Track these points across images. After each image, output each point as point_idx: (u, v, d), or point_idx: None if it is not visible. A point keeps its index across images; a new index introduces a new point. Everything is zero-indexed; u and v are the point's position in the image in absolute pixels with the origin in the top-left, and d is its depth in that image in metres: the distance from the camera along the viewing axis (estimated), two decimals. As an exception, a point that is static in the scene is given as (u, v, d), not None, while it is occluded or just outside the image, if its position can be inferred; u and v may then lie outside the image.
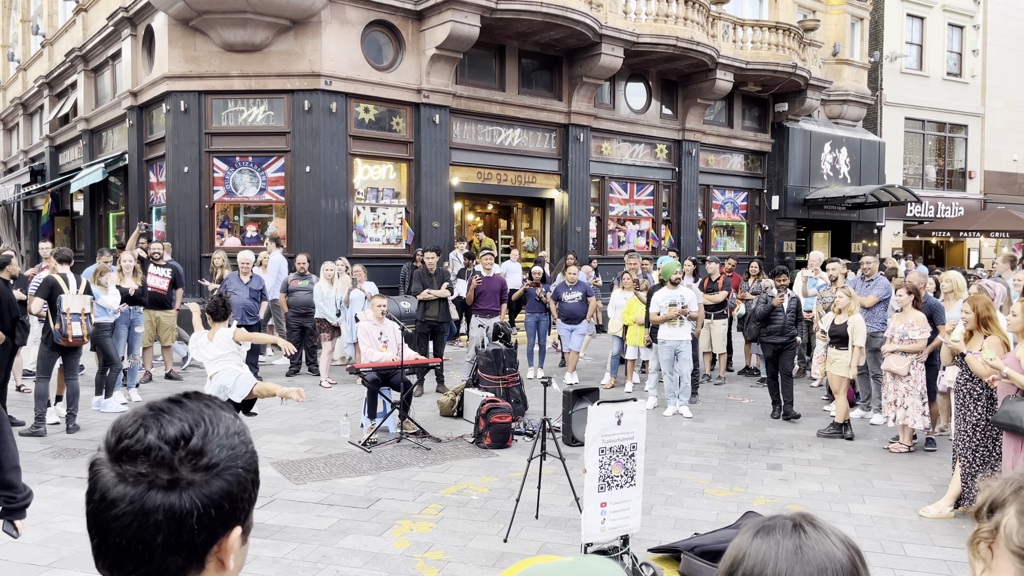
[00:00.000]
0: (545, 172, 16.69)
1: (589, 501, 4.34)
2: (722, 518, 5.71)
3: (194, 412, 1.02)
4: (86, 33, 17.72)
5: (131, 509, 0.94)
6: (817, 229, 23.35)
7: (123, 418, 1.01)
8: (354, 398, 9.83)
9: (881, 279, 9.03)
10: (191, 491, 0.96)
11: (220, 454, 1.00)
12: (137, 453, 0.96)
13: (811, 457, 7.46)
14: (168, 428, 0.98)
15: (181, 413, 1.01)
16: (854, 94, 22.84)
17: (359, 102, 14.00)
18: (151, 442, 0.97)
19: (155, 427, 0.98)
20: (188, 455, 0.98)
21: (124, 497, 0.94)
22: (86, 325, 7.85)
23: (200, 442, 0.99)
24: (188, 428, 0.99)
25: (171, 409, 1.02)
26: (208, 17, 13.00)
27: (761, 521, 1.13)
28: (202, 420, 1.02)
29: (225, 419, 1.05)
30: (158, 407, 1.02)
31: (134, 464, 0.96)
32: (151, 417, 1.00)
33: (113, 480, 0.96)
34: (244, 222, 14.08)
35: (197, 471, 0.98)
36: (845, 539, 1.10)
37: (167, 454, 0.96)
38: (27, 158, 24.22)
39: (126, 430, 0.98)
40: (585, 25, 14.83)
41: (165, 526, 0.95)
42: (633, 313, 10.43)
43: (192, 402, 1.04)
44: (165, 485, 0.95)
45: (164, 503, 0.95)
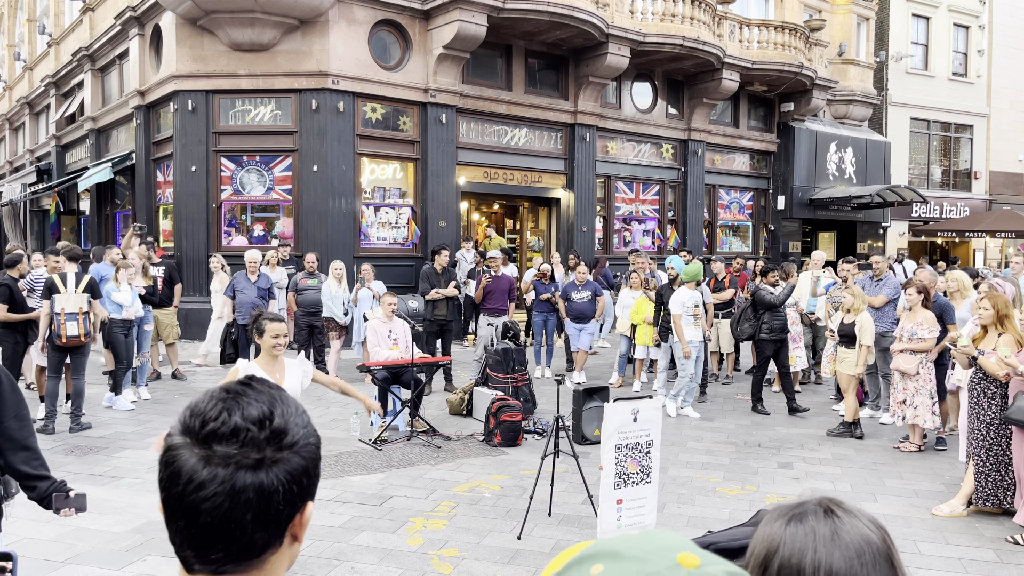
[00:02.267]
0: (551, 172, 16.69)
1: (605, 498, 4.34)
2: (735, 516, 5.71)
3: (266, 394, 1.05)
4: (93, 32, 17.76)
5: (222, 490, 0.96)
6: (822, 229, 23.33)
7: (200, 402, 1.03)
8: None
9: (890, 279, 9.03)
10: (276, 469, 0.99)
11: (298, 432, 1.03)
12: (224, 435, 0.98)
13: (821, 456, 7.46)
14: (250, 409, 1.01)
15: (255, 395, 1.04)
16: (860, 94, 22.81)
17: (366, 101, 14.01)
18: (237, 423, 0.99)
19: (237, 409, 1.01)
20: (273, 434, 1.01)
21: (214, 478, 0.96)
22: (83, 324, 7.79)
23: (282, 421, 1.02)
24: (267, 409, 1.02)
25: (245, 392, 1.04)
26: (216, 16, 13.02)
27: (788, 508, 1.12)
28: (277, 400, 1.05)
29: (290, 399, 1.08)
30: (233, 390, 1.04)
31: (223, 445, 0.98)
32: (230, 399, 1.02)
33: (199, 463, 0.97)
34: (251, 221, 14.09)
35: (282, 449, 1.01)
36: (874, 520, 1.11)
37: (255, 434, 0.99)
38: (33, 157, 24.27)
39: (208, 413, 1.00)
40: (592, 25, 14.83)
41: (255, 504, 0.98)
42: (642, 312, 10.43)
43: (259, 385, 1.06)
44: (252, 464, 0.98)
45: (253, 482, 0.97)
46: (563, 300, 11.07)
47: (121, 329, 8.75)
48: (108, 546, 5.05)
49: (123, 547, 5.04)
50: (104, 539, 5.15)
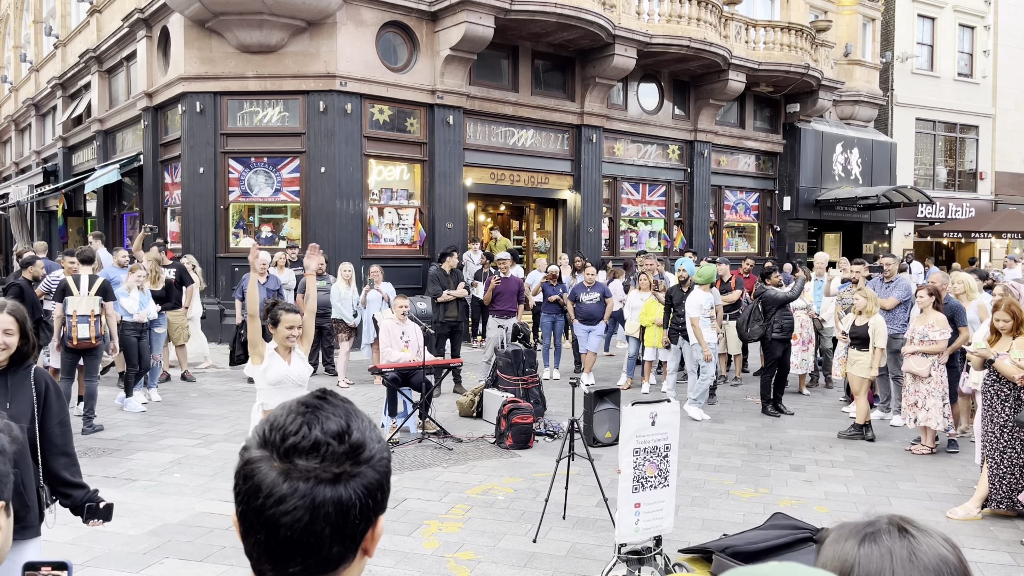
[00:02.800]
0: (558, 173, 16.69)
1: (623, 502, 4.35)
2: (749, 519, 5.70)
3: (341, 407, 1.05)
4: (100, 34, 17.79)
5: (302, 504, 0.97)
6: (828, 230, 23.31)
7: (278, 416, 1.04)
8: (372, 398, 9.86)
9: (901, 280, 9.02)
10: (353, 483, 1.00)
11: (374, 446, 1.04)
12: (305, 449, 0.99)
13: (833, 458, 7.46)
14: (328, 423, 1.02)
15: (332, 409, 1.04)
16: (866, 95, 22.79)
17: (374, 103, 14.02)
18: (318, 437, 1.00)
19: (316, 423, 1.01)
20: (352, 449, 1.01)
21: (294, 492, 0.97)
22: (94, 327, 7.79)
23: (360, 436, 1.03)
24: (345, 423, 1.03)
25: (322, 406, 1.05)
26: (224, 18, 13.04)
27: (859, 527, 1.09)
28: (352, 415, 1.06)
29: (363, 413, 1.09)
30: (311, 404, 1.05)
31: (304, 459, 0.98)
32: (309, 413, 1.03)
33: (278, 477, 0.98)
34: (259, 223, 14.12)
35: (359, 464, 1.01)
36: (947, 538, 1.10)
37: (336, 448, 1.00)
38: (40, 159, 24.32)
39: (288, 427, 1.01)
40: (598, 26, 14.83)
41: (334, 518, 0.98)
42: (651, 314, 10.43)
43: (333, 398, 1.07)
44: (332, 479, 0.99)
45: (332, 496, 0.98)
46: (572, 302, 11.07)
47: (133, 332, 8.76)
48: (125, 549, 5.06)
49: (140, 550, 5.06)
50: (121, 542, 5.17)
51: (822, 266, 11.08)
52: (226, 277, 13.76)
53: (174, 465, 6.92)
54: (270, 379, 4.51)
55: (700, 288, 8.99)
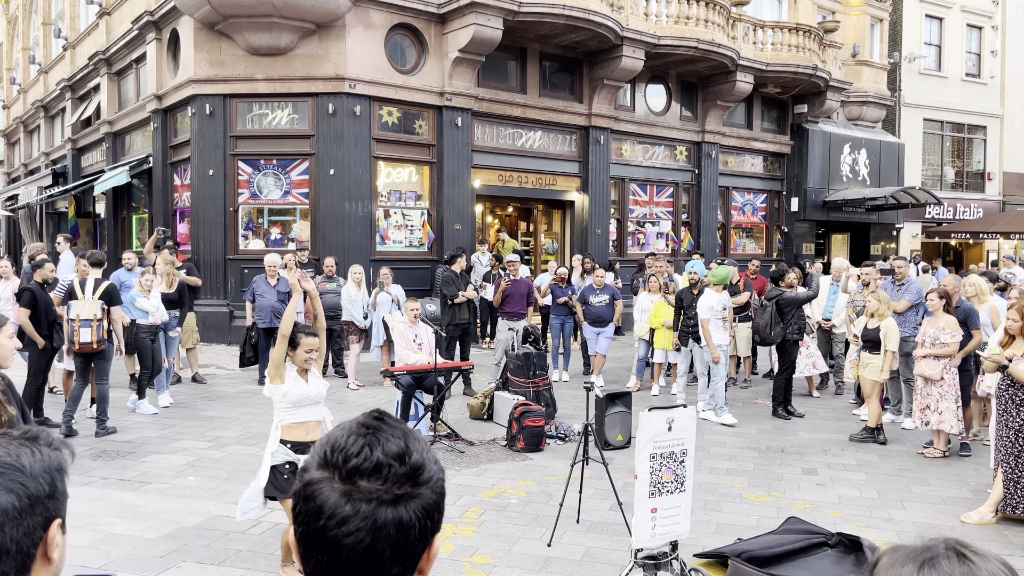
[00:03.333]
0: (565, 174, 16.70)
1: (640, 507, 4.36)
2: (763, 523, 5.71)
3: (398, 429, 1.06)
4: (109, 37, 17.85)
5: (364, 525, 0.98)
6: (836, 231, 23.27)
7: (338, 437, 1.04)
8: (382, 400, 9.89)
9: (913, 283, 9.00)
10: (412, 504, 1.01)
11: (432, 468, 1.05)
12: (367, 471, 1.00)
13: (846, 462, 7.45)
14: (389, 445, 1.03)
15: (390, 431, 1.05)
16: (873, 95, 22.75)
17: (382, 105, 14.05)
18: (379, 459, 1.01)
19: (377, 445, 1.02)
20: (412, 470, 1.02)
21: (357, 514, 0.98)
22: (96, 331, 7.75)
23: (420, 457, 1.04)
24: (404, 444, 1.04)
25: (381, 427, 1.06)
26: (234, 21, 13.08)
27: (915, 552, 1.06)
28: (409, 436, 1.07)
29: (419, 434, 1.09)
30: (369, 425, 1.06)
31: (366, 481, 0.99)
32: (370, 435, 1.04)
33: (341, 498, 0.99)
34: (268, 225, 14.16)
35: (419, 485, 1.02)
36: (1004, 561, 1.09)
37: (397, 470, 1.01)
38: (48, 160, 24.41)
39: (350, 449, 1.02)
40: (607, 27, 14.84)
41: (394, 539, 0.99)
42: (661, 316, 10.43)
43: (390, 419, 1.08)
44: (393, 500, 1.00)
45: (394, 517, 0.99)
46: (581, 304, 11.08)
47: (147, 335, 8.80)
48: (142, 552, 5.08)
49: (157, 553, 5.08)
50: (138, 545, 5.19)
51: (839, 271, 10.99)
52: (235, 279, 13.79)
53: (188, 468, 6.94)
54: (291, 400, 4.55)
55: (712, 289, 8.99)
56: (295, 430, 4.59)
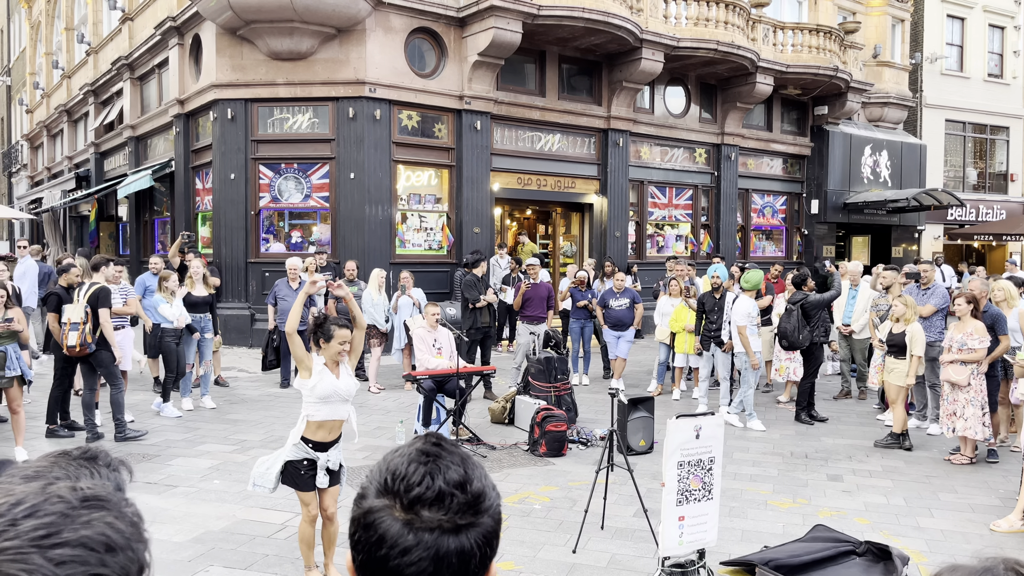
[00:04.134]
0: (584, 177, 16.68)
1: (667, 515, 4.34)
2: (789, 531, 5.67)
3: (457, 455, 1.05)
4: (132, 42, 18.04)
5: (427, 555, 0.97)
6: (856, 233, 23.09)
7: (398, 464, 1.03)
8: (403, 404, 9.91)
9: (939, 287, 8.91)
10: (473, 532, 0.99)
11: (491, 495, 1.04)
12: (430, 500, 0.99)
13: (871, 468, 7.39)
14: (450, 473, 1.01)
15: (450, 457, 1.04)
16: (895, 96, 22.56)
17: (402, 109, 14.10)
18: (442, 488, 0.99)
19: (439, 473, 1.01)
20: (474, 499, 1.01)
21: (419, 544, 0.97)
22: (81, 335, 7.67)
23: (480, 485, 1.02)
24: (464, 471, 1.03)
25: (440, 454, 1.04)
26: (255, 26, 13.18)
27: (977, 572, 1.03)
28: (468, 462, 1.05)
29: (474, 458, 1.08)
30: (428, 452, 1.04)
31: (428, 511, 0.98)
32: (431, 463, 1.02)
33: (403, 528, 0.98)
34: (289, 228, 14.24)
35: (480, 514, 1.01)
36: None
37: (460, 499, 1.00)
38: (72, 164, 24.68)
39: (412, 478, 1.00)
40: (626, 30, 14.81)
41: (456, 568, 0.98)
42: (682, 320, 10.39)
43: (448, 444, 1.07)
44: (454, 529, 0.98)
45: (456, 547, 0.98)
46: (601, 307, 11.06)
47: (172, 338, 8.87)
48: (170, 556, 5.12)
49: (185, 557, 5.12)
50: (166, 549, 5.23)
51: (856, 274, 10.92)
52: (256, 282, 13.89)
53: (213, 471, 6.99)
54: (319, 394, 4.52)
55: (746, 295, 8.95)
56: (318, 430, 4.59)
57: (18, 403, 7.36)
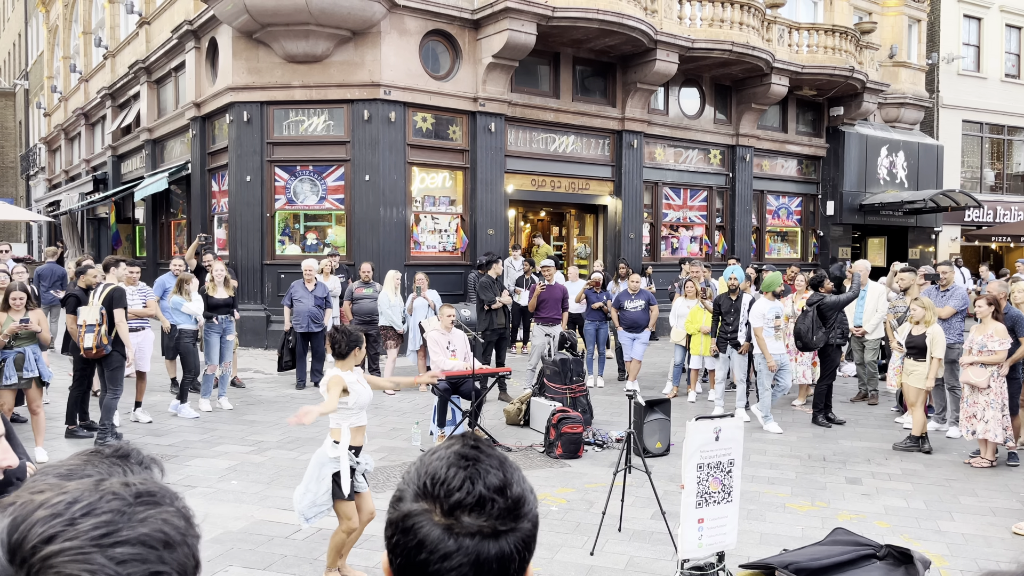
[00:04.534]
0: (598, 179, 16.66)
1: (686, 517, 4.32)
2: (808, 534, 5.63)
3: (495, 458, 1.04)
4: (149, 45, 18.18)
5: (467, 560, 0.96)
6: (873, 235, 22.93)
7: (437, 468, 1.02)
8: (419, 405, 9.93)
9: (958, 289, 8.84)
10: (512, 537, 0.99)
11: (530, 499, 1.03)
12: (470, 506, 0.98)
13: (890, 471, 7.33)
14: (490, 477, 1.00)
15: (488, 461, 1.03)
16: (911, 97, 22.41)
17: (417, 111, 14.13)
18: (482, 494, 0.99)
19: (479, 478, 1.00)
20: (514, 504, 1.00)
21: (460, 550, 0.96)
22: (97, 336, 7.70)
23: (519, 489, 1.02)
24: (503, 475, 1.02)
25: (479, 458, 1.03)
26: (271, 29, 13.25)
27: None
28: (506, 465, 1.04)
29: (513, 462, 1.07)
30: (467, 456, 1.03)
31: (469, 516, 0.98)
32: (471, 467, 1.01)
33: (443, 533, 0.97)
34: (304, 230, 14.30)
35: (519, 519, 1.00)
36: None
37: (500, 504, 0.99)
38: (89, 167, 24.89)
39: (452, 482, 0.99)
40: (640, 31, 14.79)
41: (496, 572, 0.98)
42: (697, 322, 10.36)
43: (486, 448, 1.06)
44: (494, 534, 0.98)
45: (496, 552, 0.97)
46: (616, 309, 11.03)
47: (191, 339, 8.93)
48: (190, 556, 5.14)
49: (205, 558, 5.12)
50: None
51: (865, 273, 10.82)
52: (272, 284, 13.95)
53: (230, 472, 7.03)
54: (361, 404, 4.67)
55: (764, 297, 8.93)
56: (357, 435, 4.72)
57: (38, 404, 7.43)
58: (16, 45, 40.83)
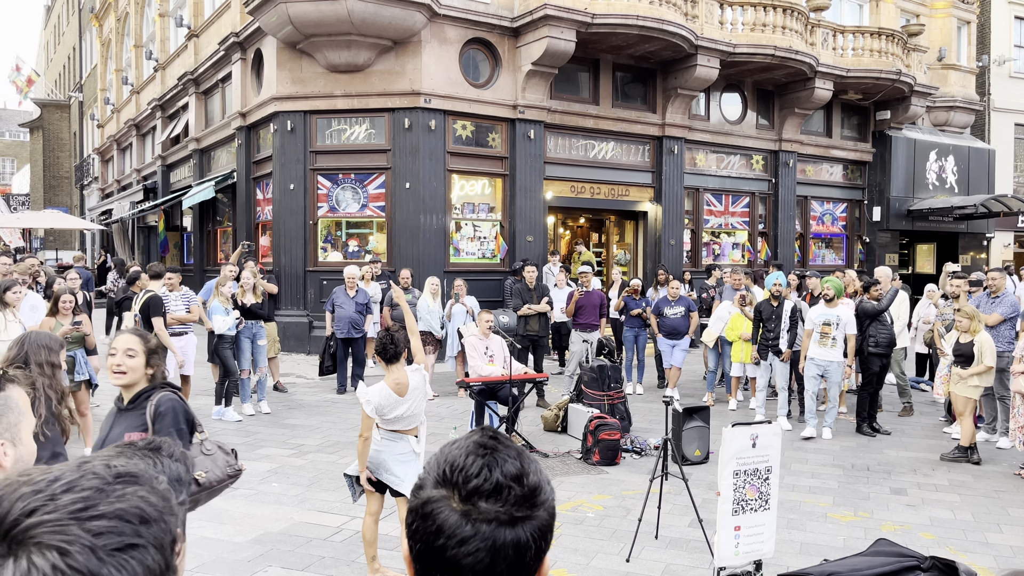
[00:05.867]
0: (638, 185, 16.59)
1: (723, 524, 4.28)
2: (850, 544, 5.53)
3: (512, 449, 1.07)
4: (197, 58, 18.63)
5: (484, 546, 0.98)
6: (921, 241, 22.42)
7: (456, 456, 1.05)
8: (456, 411, 9.97)
9: (1008, 296, 8.60)
10: (529, 525, 1.01)
11: (547, 488, 1.06)
12: (487, 492, 1.00)
13: (937, 482, 7.15)
14: (507, 466, 1.03)
15: (506, 451, 1.06)
16: (961, 100, 21.87)
17: (456, 119, 14.25)
18: (499, 480, 1.01)
19: (496, 466, 1.02)
20: (530, 492, 1.03)
21: (476, 535, 0.99)
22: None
23: (536, 479, 1.04)
24: (520, 465, 1.04)
25: (497, 447, 1.06)
26: (314, 40, 13.48)
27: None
28: (523, 456, 1.07)
29: (528, 453, 1.09)
30: (486, 445, 1.06)
31: (487, 503, 1.00)
32: (488, 456, 1.04)
33: (460, 519, 0.99)
34: (346, 237, 14.49)
35: (536, 507, 1.02)
36: None
37: (516, 492, 1.01)
38: (140, 176, 25.56)
39: (470, 470, 1.02)
40: (681, 37, 14.71)
41: (512, 559, 0.99)
42: (738, 329, 10.24)
43: (502, 438, 1.08)
44: (511, 521, 1.00)
45: (512, 538, 0.99)
46: (655, 316, 10.96)
47: (227, 345, 9.11)
48: (231, 556, 5.25)
49: (245, 557, 5.24)
50: (226, 549, 5.37)
51: (886, 279, 10.55)
52: (315, 290, 14.16)
53: (271, 474, 7.14)
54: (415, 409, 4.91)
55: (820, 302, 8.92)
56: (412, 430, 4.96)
57: (86, 406, 7.65)
58: (71, 59, 42.16)
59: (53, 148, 42.92)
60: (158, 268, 8.95)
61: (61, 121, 43.31)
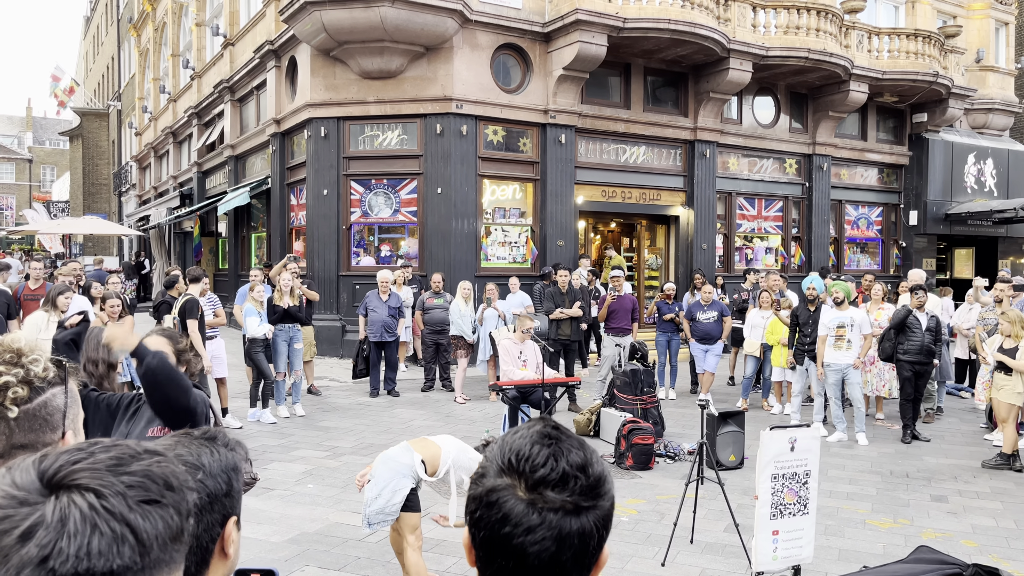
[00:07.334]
0: (670, 189, 16.51)
1: (761, 529, 4.24)
2: (889, 551, 5.44)
3: (575, 439, 1.07)
4: (233, 66, 18.91)
5: (550, 535, 0.99)
6: (959, 245, 22.02)
7: (521, 446, 1.05)
8: (489, 414, 9.99)
9: (1052, 300, 8.42)
10: (592, 514, 1.02)
11: (610, 479, 1.07)
12: (554, 482, 1.01)
13: (979, 489, 7.02)
14: (572, 456, 1.04)
15: (568, 441, 1.06)
16: (1000, 102, 21.47)
17: (488, 124, 14.30)
18: (565, 470, 1.02)
19: (562, 456, 1.03)
20: (596, 481, 1.04)
21: (543, 524, 0.99)
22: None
23: (600, 469, 1.05)
24: (584, 455, 1.05)
25: (561, 437, 1.07)
26: (348, 47, 13.63)
27: None
28: (586, 447, 1.08)
29: (589, 444, 1.10)
30: (550, 435, 1.07)
31: (553, 491, 1.01)
32: (554, 445, 1.05)
33: (527, 508, 1.00)
34: (379, 242, 14.61)
35: (599, 497, 1.04)
36: None
37: (582, 482, 1.02)
38: (176, 183, 26.00)
39: (536, 459, 1.03)
40: (713, 40, 14.63)
41: (577, 548, 1.01)
42: (777, 333, 10.14)
43: (563, 429, 1.09)
44: (576, 510, 1.01)
45: (577, 527, 1.01)
46: (688, 320, 10.90)
47: (259, 348, 9.23)
48: (268, 556, 5.31)
49: (281, 557, 5.30)
50: (264, 548, 5.43)
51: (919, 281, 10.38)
52: (347, 294, 14.29)
53: (307, 476, 7.22)
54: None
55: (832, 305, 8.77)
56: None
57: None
58: (109, 68, 43.03)
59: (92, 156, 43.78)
60: (197, 272, 9.10)
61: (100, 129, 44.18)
